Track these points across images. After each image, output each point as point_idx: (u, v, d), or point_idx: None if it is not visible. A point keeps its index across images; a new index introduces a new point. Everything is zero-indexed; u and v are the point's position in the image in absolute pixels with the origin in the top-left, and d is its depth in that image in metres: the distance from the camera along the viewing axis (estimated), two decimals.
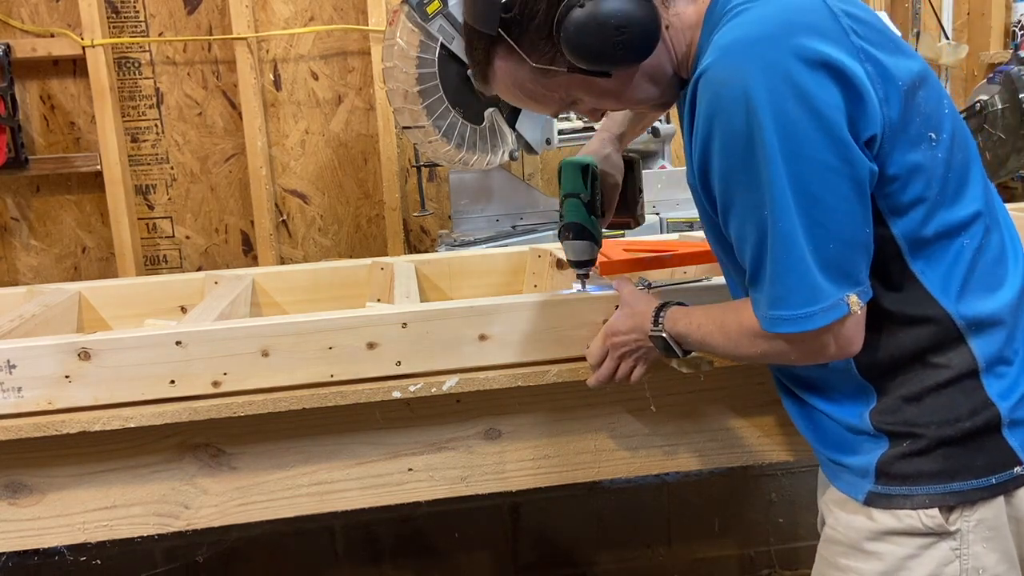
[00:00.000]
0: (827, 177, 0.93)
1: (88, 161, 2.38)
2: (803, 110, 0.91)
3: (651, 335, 1.21)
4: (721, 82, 0.94)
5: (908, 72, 0.98)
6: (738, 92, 0.92)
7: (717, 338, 1.12)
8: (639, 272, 1.54)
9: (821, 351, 1.01)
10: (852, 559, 1.08)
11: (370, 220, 2.59)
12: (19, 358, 1.23)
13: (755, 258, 0.99)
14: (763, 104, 0.91)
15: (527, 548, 2.42)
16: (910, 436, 1.02)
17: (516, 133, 2.12)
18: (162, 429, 1.28)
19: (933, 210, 1.00)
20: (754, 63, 0.92)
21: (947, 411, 1.01)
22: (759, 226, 0.96)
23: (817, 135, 0.92)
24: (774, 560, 2.53)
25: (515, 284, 1.84)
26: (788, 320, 0.98)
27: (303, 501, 1.38)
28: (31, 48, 2.32)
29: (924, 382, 1.02)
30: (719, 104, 0.95)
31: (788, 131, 0.91)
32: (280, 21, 2.45)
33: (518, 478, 1.43)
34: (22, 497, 1.31)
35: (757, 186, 0.94)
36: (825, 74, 0.92)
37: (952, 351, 1.01)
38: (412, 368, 1.32)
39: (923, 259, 1.01)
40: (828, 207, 0.94)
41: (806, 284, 0.95)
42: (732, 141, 0.95)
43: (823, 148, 0.92)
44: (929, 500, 1.01)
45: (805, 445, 1.50)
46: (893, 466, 1.03)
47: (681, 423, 1.46)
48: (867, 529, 1.06)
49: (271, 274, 1.79)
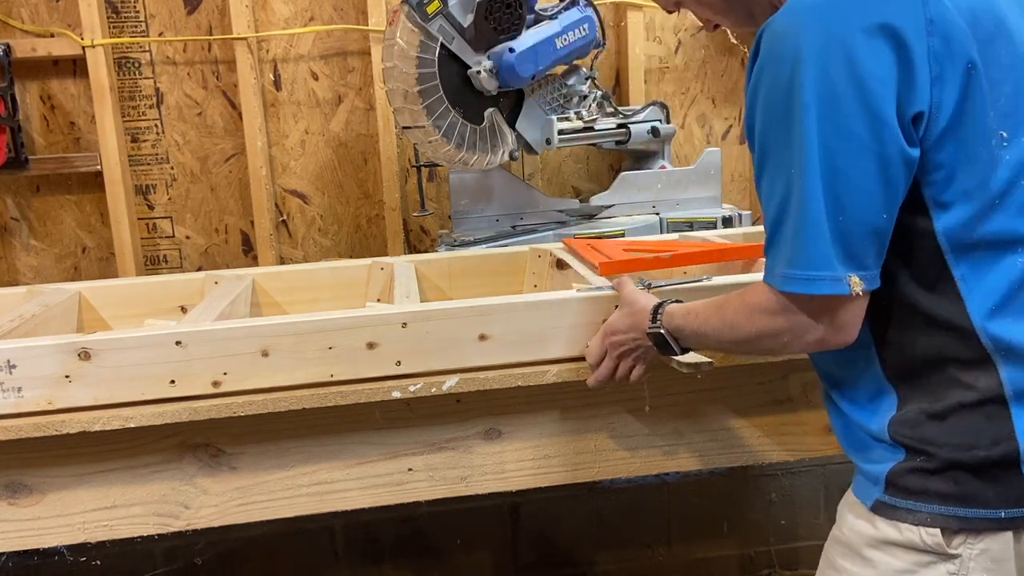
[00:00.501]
0: (854, 150, 0.92)
1: (88, 161, 2.38)
2: (848, 77, 0.90)
3: (648, 331, 1.20)
4: (777, 35, 0.95)
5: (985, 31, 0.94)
6: (789, 47, 0.92)
7: (713, 322, 1.11)
8: (639, 272, 1.54)
9: (813, 329, 0.99)
10: (848, 561, 1.07)
11: (370, 220, 2.59)
12: (19, 358, 1.23)
13: (776, 217, 0.99)
14: (810, 64, 0.91)
15: (527, 548, 2.42)
16: (924, 453, 1.00)
17: (516, 133, 2.12)
18: (162, 429, 1.28)
19: (986, 213, 0.96)
20: (813, 22, 0.92)
21: (967, 435, 0.98)
22: (787, 184, 0.96)
23: (855, 105, 0.91)
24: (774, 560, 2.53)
25: (515, 284, 1.84)
26: (799, 280, 0.97)
27: (303, 501, 1.38)
28: (31, 48, 2.32)
29: (948, 399, 0.99)
30: (771, 56, 0.95)
31: (828, 95, 0.91)
32: (280, 21, 2.45)
33: (518, 478, 1.43)
34: (22, 497, 1.31)
35: (788, 144, 0.94)
36: (883, 42, 0.90)
37: (978, 371, 0.97)
38: (412, 368, 1.32)
39: (967, 264, 0.97)
40: (848, 181, 0.93)
41: (819, 248, 0.95)
42: (775, 95, 0.95)
43: (858, 120, 0.91)
44: (931, 519, 0.99)
45: (805, 445, 1.51)
46: (902, 479, 1.01)
47: (681, 423, 1.46)
48: (868, 535, 1.05)
49: (271, 274, 1.79)
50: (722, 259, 1.64)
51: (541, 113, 2.15)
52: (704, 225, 2.27)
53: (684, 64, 2.63)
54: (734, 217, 2.29)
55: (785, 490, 2.48)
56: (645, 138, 2.32)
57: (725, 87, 2.66)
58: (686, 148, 2.68)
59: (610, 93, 2.41)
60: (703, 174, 2.35)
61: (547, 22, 2.05)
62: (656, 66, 2.61)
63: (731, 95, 2.67)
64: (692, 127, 2.67)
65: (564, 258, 1.69)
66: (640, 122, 2.32)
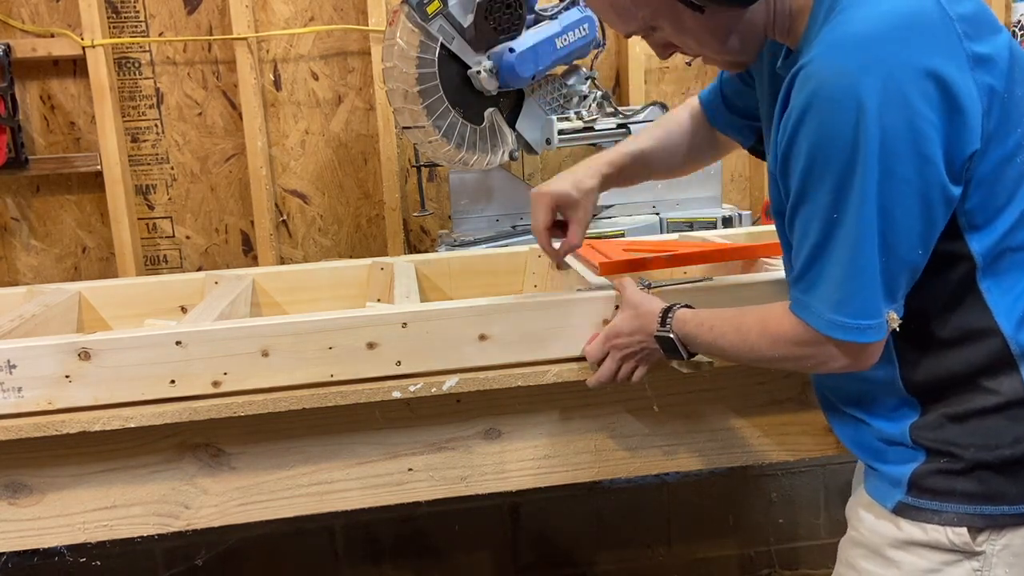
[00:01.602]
0: (905, 193, 0.92)
1: (88, 161, 2.38)
2: (906, 126, 0.90)
3: (657, 335, 1.20)
4: (827, 79, 0.92)
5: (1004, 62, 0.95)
6: (847, 94, 0.90)
7: (730, 337, 1.11)
8: (639, 272, 1.53)
9: (840, 360, 1.01)
10: (871, 563, 1.08)
11: (370, 220, 2.59)
12: (19, 358, 1.22)
13: (812, 257, 0.98)
14: (874, 115, 0.89)
15: (527, 548, 2.42)
16: (948, 455, 1.01)
17: (516, 133, 2.12)
18: (162, 429, 1.28)
19: (1015, 229, 0.98)
20: (867, 68, 0.90)
21: (989, 436, 1.00)
22: (826, 227, 0.95)
23: (910, 152, 0.90)
24: (774, 560, 2.53)
25: (515, 284, 1.83)
26: (849, 328, 0.97)
27: (303, 501, 1.38)
28: (31, 48, 2.32)
29: (971, 404, 1.00)
30: (820, 99, 0.92)
31: (890, 147, 0.90)
32: (280, 21, 2.45)
33: (518, 478, 1.43)
34: (22, 497, 1.31)
35: (840, 189, 0.93)
36: (933, 87, 0.90)
37: (1004, 376, 0.99)
38: (412, 368, 1.32)
39: (993, 277, 0.99)
40: (899, 224, 0.93)
41: (870, 298, 0.95)
42: (829, 140, 0.92)
43: (910, 165, 0.91)
44: (958, 519, 1.01)
45: (805, 445, 1.51)
46: (927, 480, 1.03)
47: (681, 423, 1.46)
48: (892, 537, 1.05)
49: (271, 274, 1.79)
50: (722, 259, 1.64)
51: (541, 113, 2.15)
52: (704, 225, 2.27)
53: (684, 64, 2.63)
54: (734, 217, 2.29)
55: (785, 490, 2.48)
56: None
57: None
58: None
59: (610, 93, 2.41)
60: (703, 174, 2.35)
61: (547, 22, 2.06)
62: (656, 66, 2.61)
63: None
64: None
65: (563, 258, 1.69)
66: (640, 122, 2.32)
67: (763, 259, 1.62)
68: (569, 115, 2.21)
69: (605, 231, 2.20)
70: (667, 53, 1.11)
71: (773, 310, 1.07)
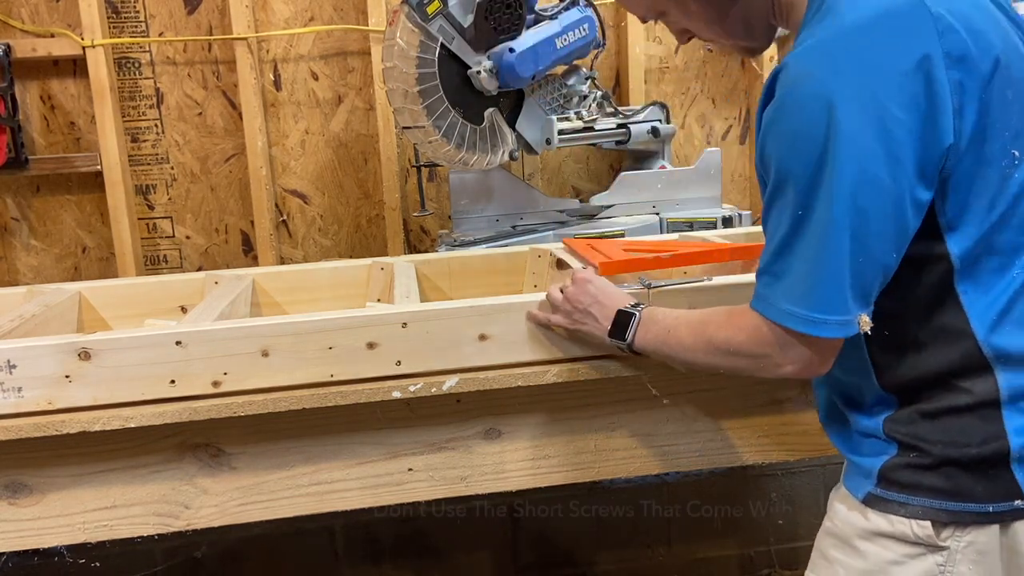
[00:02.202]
0: (879, 194, 0.93)
1: (88, 161, 2.38)
2: (877, 127, 0.91)
3: (621, 309, 1.23)
4: (803, 77, 0.93)
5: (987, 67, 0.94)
6: (819, 93, 0.91)
7: (692, 329, 1.14)
8: (639, 272, 1.54)
9: (790, 362, 1.02)
10: (840, 552, 1.10)
11: (370, 220, 2.59)
12: (19, 358, 1.23)
13: (776, 253, 0.99)
14: (845, 115, 0.90)
15: (527, 548, 2.42)
16: (917, 449, 1.02)
17: (516, 133, 2.12)
18: (162, 429, 1.28)
19: (994, 233, 0.98)
20: (839, 70, 0.91)
21: (958, 434, 1.00)
22: (793, 223, 0.96)
23: (883, 153, 0.91)
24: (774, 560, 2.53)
25: (515, 284, 1.84)
26: (800, 319, 0.97)
27: (303, 501, 1.38)
28: (31, 48, 2.32)
29: (943, 402, 1.01)
30: (795, 96, 0.94)
31: (863, 147, 0.91)
32: (280, 21, 2.45)
33: (518, 478, 1.43)
34: (22, 497, 1.31)
35: (809, 188, 0.94)
36: (907, 85, 0.90)
37: (976, 378, 1.00)
38: (412, 368, 1.32)
39: (971, 281, 0.99)
40: (872, 224, 0.93)
41: (834, 292, 0.96)
42: (801, 139, 0.94)
43: (883, 166, 0.91)
44: (923, 512, 1.01)
45: (805, 445, 1.51)
46: (895, 473, 1.04)
47: (681, 423, 1.46)
48: (860, 527, 1.07)
49: (271, 274, 1.79)
50: (722, 259, 1.64)
51: (541, 113, 2.15)
52: (704, 225, 2.27)
53: (684, 64, 2.63)
54: (734, 217, 2.29)
55: (785, 490, 2.49)
56: (645, 138, 2.32)
57: (725, 87, 2.66)
58: (686, 148, 2.68)
59: (610, 93, 2.41)
60: (703, 174, 2.35)
61: (547, 22, 2.05)
62: (656, 66, 2.61)
63: (731, 95, 2.67)
64: (692, 127, 2.67)
65: (564, 258, 1.69)
66: (640, 122, 2.32)
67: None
68: (569, 115, 2.21)
69: (605, 231, 2.20)
70: (685, 38, 1.15)
71: (736, 307, 1.09)
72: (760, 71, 2.58)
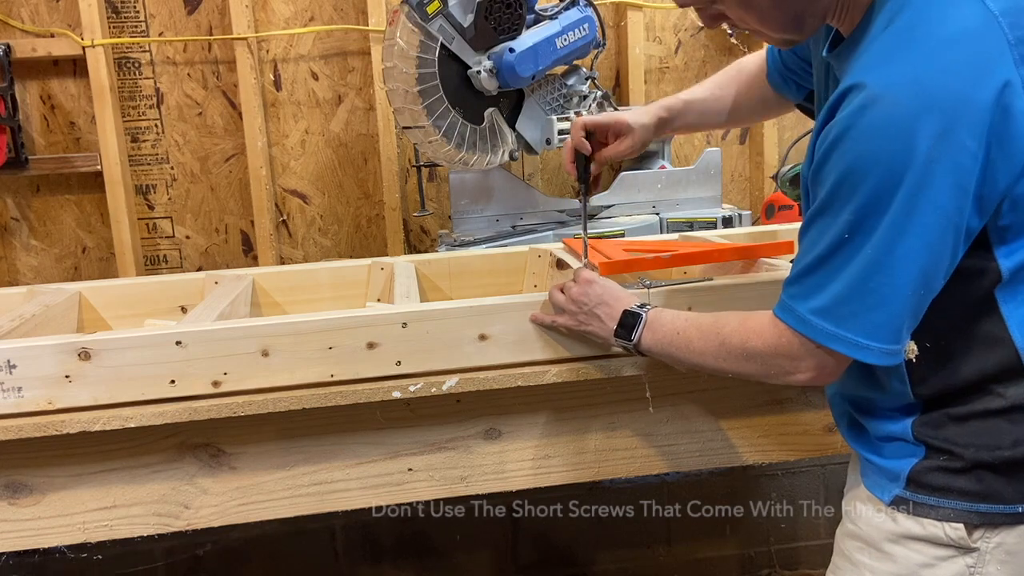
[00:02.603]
0: (946, 228, 0.93)
1: (88, 161, 2.38)
2: (953, 162, 0.90)
3: (627, 310, 1.23)
4: (888, 101, 0.91)
5: None
6: (904, 123, 0.89)
7: (691, 333, 1.14)
8: (639, 272, 1.54)
9: (804, 372, 1.03)
10: (867, 556, 1.09)
11: (370, 220, 2.59)
12: (19, 358, 1.23)
13: (817, 267, 0.98)
14: (926, 150, 0.89)
15: (527, 548, 2.42)
16: (948, 453, 1.03)
17: (516, 133, 2.12)
18: (162, 429, 1.28)
19: None
20: (930, 105, 0.89)
21: (990, 437, 1.01)
22: (844, 243, 0.95)
23: (954, 186, 0.91)
24: (774, 560, 2.53)
25: (515, 284, 1.83)
26: (847, 342, 0.97)
27: (303, 501, 1.38)
28: (31, 48, 2.32)
29: (975, 406, 1.02)
30: (876, 120, 0.91)
31: (936, 183, 0.90)
32: (280, 21, 2.45)
33: (518, 478, 1.43)
34: (22, 497, 1.31)
35: (874, 214, 0.92)
36: (987, 120, 0.90)
37: (1011, 383, 1.00)
38: (412, 368, 1.32)
39: (1011, 289, 0.99)
40: (938, 258, 0.94)
41: (888, 322, 0.96)
42: (874, 164, 0.92)
43: (953, 199, 0.91)
44: (955, 515, 1.02)
45: (805, 445, 1.51)
46: (926, 476, 1.04)
47: (681, 423, 1.46)
48: (888, 530, 1.07)
49: (271, 274, 1.79)
50: (722, 259, 1.64)
51: (541, 113, 2.15)
52: (704, 225, 2.27)
53: (684, 64, 2.63)
54: (734, 217, 2.29)
55: (785, 490, 2.49)
56: None
57: None
58: (686, 148, 2.68)
59: (610, 93, 2.41)
60: (703, 174, 2.35)
61: (547, 22, 2.06)
62: (656, 66, 2.61)
63: None
64: None
65: (564, 258, 1.69)
66: None
67: (763, 259, 1.63)
68: (569, 115, 2.21)
69: (605, 231, 2.20)
70: (716, 24, 1.08)
71: (751, 313, 1.09)
72: None
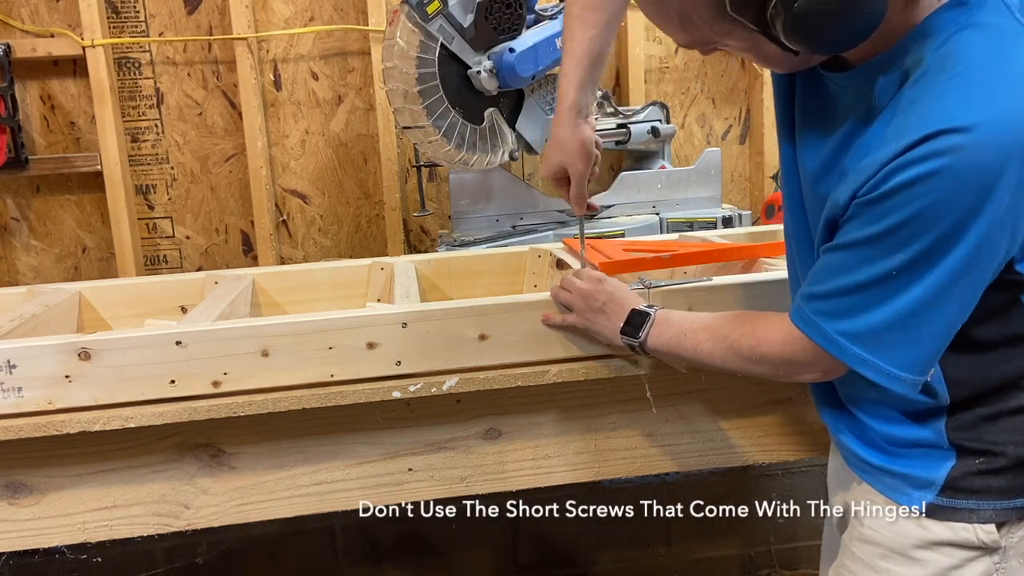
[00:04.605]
0: (990, 266, 0.93)
1: (88, 161, 2.38)
2: (1018, 210, 0.89)
3: (635, 309, 1.23)
4: (979, 146, 0.87)
5: None
6: (989, 169, 0.86)
7: (700, 335, 1.15)
8: (639, 272, 1.54)
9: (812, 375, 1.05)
10: (892, 563, 1.09)
11: (370, 220, 2.59)
12: (19, 358, 1.23)
13: (850, 291, 0.96)
14: (997, 198, 0.87)
15: (527, 548, 2.42)
16: (987, 453, 1.03)
17: (516, 133, 2.12)
18: (162, 429, 1.28)
19: None
20: (1010, 156, 0.86)
21: (1022, 433, 1.02)
22: (887, 275, 0.93)
23: (1010, 231, 0.91)
24: (774, 560, 2.53)
25: (515, 284, 1.83)
26: (876, 369, 0.97)
27: (303, 501, 1.38)
28: (31, 48, 2.32)
29: (1006, 404, 1.02)
30: (958, 171, 0.87)
31: (998, 232, 0.90)
32: (280, 21, 2.45)
33: (518, 478, 1.43)
34: (22, 497, 1.31)
35: (929, 255, 0.91)
36: None
37: None
38: (412, 368, 1.32)
39: None
40: (977, 291, 0.95)
41: (920, 355, 0.97)
42: (946, 215, 0.88)
43: (1004, 240, 0.92)
44: (994, 515, 1.02)
45: (806, 445, 1.51)
46: (965, 480, 1.04)
47: (681, 423, 1.46)
48: (917, 537, 1.06)
49: (271, 274, 1.79)
50: (722, 259, 1.64)
51: (541, 113, 2.15)
52: (704, 225, 2.27)
53: (684, 64, 2.63)
54: (734, 217, 2.29)
55: (785, 490, 2.48)
56: (645, 138, 2.32)
57: (725, 87, 2.66)
58: (686, 148, 2.68)
59: (610, 93, 2.41)
60: (703, 174, 2.35)
61: (547, 22, 2.06)
62: (656, 66, 2.61)
63: (731, 95, 2.68)
64: (692, 127, 2.67)
65: (564, 258, 1.69)
66: (640, 122, 2.33)
67: (763, 259, 1.63)
68: None
69: (605, 231, 2.20)
70: (709, 51, 1.04)
71: (762, 315, 1.10)
72: (760, 72, 2.58)
